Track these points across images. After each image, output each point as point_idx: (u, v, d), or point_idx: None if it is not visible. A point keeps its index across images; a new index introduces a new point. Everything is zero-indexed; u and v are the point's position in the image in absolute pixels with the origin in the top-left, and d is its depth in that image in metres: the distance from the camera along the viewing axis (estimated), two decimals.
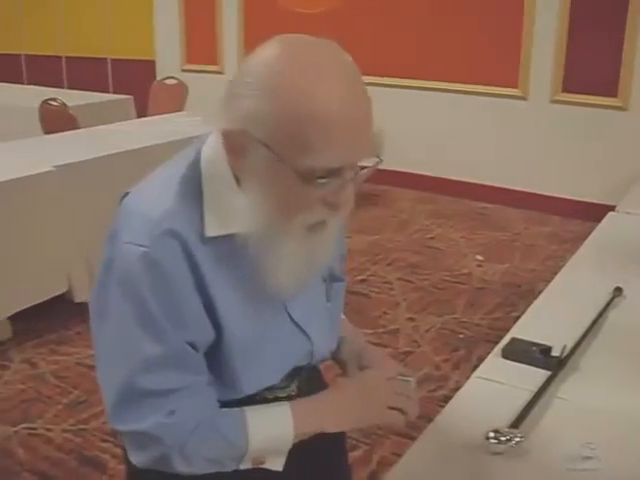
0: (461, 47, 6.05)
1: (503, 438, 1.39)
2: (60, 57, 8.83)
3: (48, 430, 3.04)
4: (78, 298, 4.07)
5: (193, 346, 1.16)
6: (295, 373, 1.33)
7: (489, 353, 1.85)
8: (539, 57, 5.74)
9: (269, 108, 1.04)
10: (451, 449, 1.44)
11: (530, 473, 1.36)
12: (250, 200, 1.11)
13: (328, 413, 1.29)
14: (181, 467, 1.18)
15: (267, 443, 1.22)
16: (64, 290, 4.01)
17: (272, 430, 1.22)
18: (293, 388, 1.35)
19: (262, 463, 1.24)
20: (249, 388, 1.25)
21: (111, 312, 1.16)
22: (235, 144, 1.09)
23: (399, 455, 2.75)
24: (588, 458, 1.38)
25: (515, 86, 5.91)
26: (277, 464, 1.25)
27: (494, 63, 5.94)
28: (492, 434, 1.40)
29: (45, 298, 3.91)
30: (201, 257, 1.13)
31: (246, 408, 1.22)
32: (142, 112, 6.50)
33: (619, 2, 5.30)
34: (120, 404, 1.15)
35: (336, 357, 1.47)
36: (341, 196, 1.10)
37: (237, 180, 1.15)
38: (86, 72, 8.48)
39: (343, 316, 1.52)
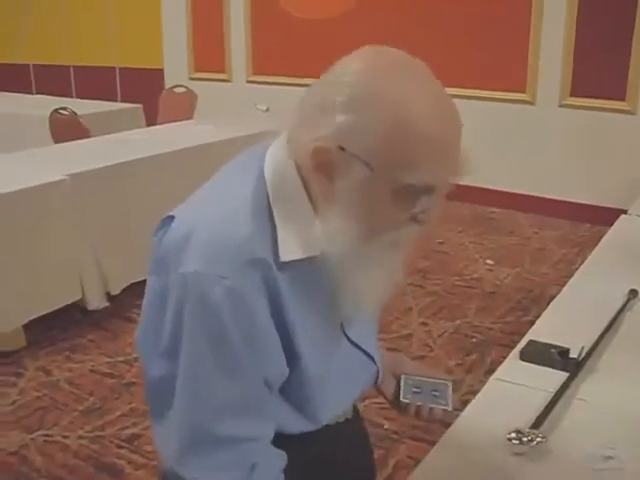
0: (469, 52, 6.06)
1: (525, 439, 1.40)
2: (68, 66, 8.88)
3: (64, 437, 3.05)
4: (91, 306, 4.10)
5: (269, 385, 1.12)
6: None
7: (502, 357, 1.86)
8: (547, 62, 5.75)
9: (370, 122, 1.00)
10: (472, 450, 1.45)
11: (552, 473, 1.36)
12: (338, 221, 1.06)
13: None
14: None
15: None
16: (77, 298, 4.03)
17: None
18: (349, 411, 1.34)
19: None
20: (327, 417, 1.23)
21: (185, 350, 1.07)
22: (328, 162, 1.03)
23: (415, 459, 2.79)
24: (609, 458, 1.39)
25: (523, 91, 5.92)
26: None
27: (502, 68, 5.96)
28: (514, 435, 1.41)
29: (58, 306, 3.94)
30: (279, 284, 1.07)
31: None
32: (151, 120, 6.53)
33: (627, 6, 5.31)
34: (192, 449, 1.09)
35: None
36: (428, 214, 1.08)
37: (310, 198, 1.09)
38: (94, 81, 8.53)
39: None
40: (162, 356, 1.12)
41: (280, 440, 1.18)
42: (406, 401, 1.41)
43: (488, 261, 4.98)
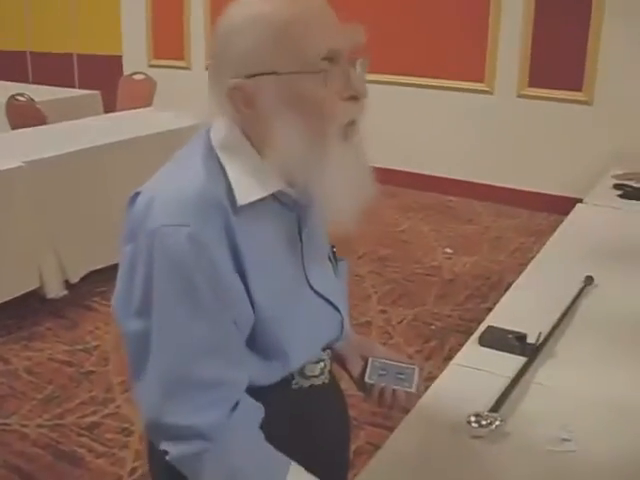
0: (428, 42, 6.09)
1: (484, 422, 1.43)
2: (25, 52, 8.75)
3: (23, 426, 3.03)
4: (49, 294, 4.06)
5: (239, 328, 1.16)
6: (328, 356, 1.36)
7: (461, 344, 1.89)
8: (505, 52, 5.81)
9: (252, 41, 1.12)
10: (433, 434, 1.48)
11: (511, 455, 1.40)
12: (284, 138, 1.13)
13: None
14: (209, 474, 1.14)
15: None
16: (35, 286, 3.99)
17: None
18: (326, 375, 1.36)
19: None
20: (297, 359, 1.26)
21: (156, 303, 1.13)
22: (246, 95, 1.13)
23: (374, 445, 2.82)
24: (566, 440, 1.43)
25: (482, 81, 5.97)
26: None
27: (461, 58, 6.00)
28: (473, 418, 1.44)
29: (16, 294, 3.89)
30: (236, 228, 1.14)
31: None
32: (109, 108, 6.47)
33: None
34: (172, 396, 1.13)
35: (334, 351, 1.46)
36: (353, 84, 1.17)
37: (253, 144, 1.18)
38: (51, 67, 8.41)
39: None
40: (136, 314, 1.16)
41: (258, 400, 1.21)
42: (371, 382, 1.42)
43: (447, 249, 5.03)
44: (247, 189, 1.16)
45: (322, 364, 1.35)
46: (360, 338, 1.53)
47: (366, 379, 1.43)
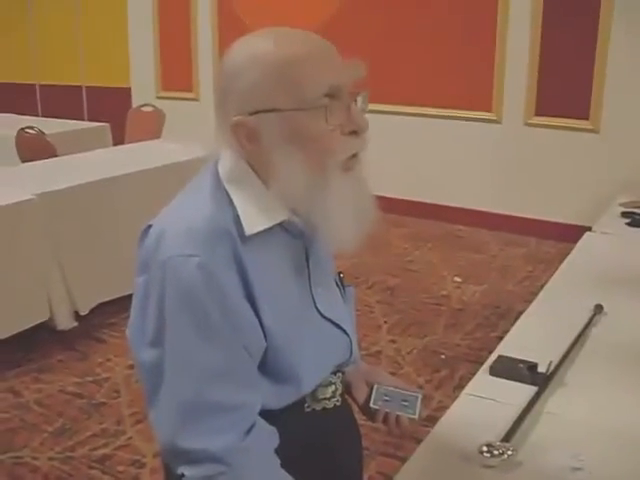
0: (435, 72, 6.14)
1: (496, 452, 1.43)
2: (34, 85, 8.84)
3: (34, 459, 3.03)
4: (59, 326, 4.07)
5: (250, 354, 1.19)
6: (339, 379, 1.39)
7: (471, 373, 1.89)
8: (512, 81, 5.84)
9: (254, 79, 1.16)
10: (444, 464, 1.47)
11: None
12: (283, 170, 1.18)
13: None
14: None
15: None
16: (45, 318, 4.01)
17: None
18: (338, 397, 1.39)
19: None
20: (309, 383, 1.29)
21: (169, 332, 1.16)
22: (248, 131, 1.18)
23: (385, 475, 2.81)
24: (578, 469, 1.42)
25: (489, 110, 6.01)
26: None
27: (468, 87, 6.04)
28: (485, 448, 1.44)
29: (26, 326, 3.90)
30: (245, 258, 1.18)
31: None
32: (118, 140, 6.52)
33: (589, 27, 5.42)
34: (186, 421, 1.15)
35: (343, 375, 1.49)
36: (354, 120, 1.21)
37: (259, 177, 1.22)
38: (60, 100, 8.49)
39: None
40: (150, 344, 1.20)
41: (272, 424, 1.23)
42: (375, 407, 1.47)
43: (456, 278, 5.03)
44: (254, 219, 1.20)
45: (333, 387, 1.38)
46: (367, 366, 1.57)
47: (371, 404, 1.47)
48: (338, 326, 1.36)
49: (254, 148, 1.19)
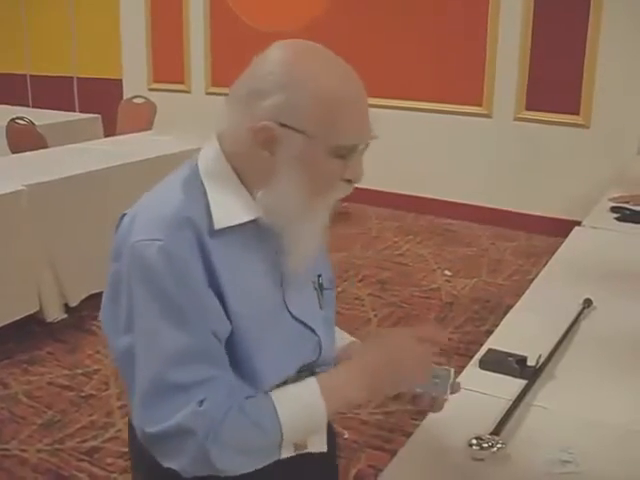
0: (426, 66, 6.14)
1: (485, 445, 1.44)
2: (25, 75, 8.80)
3: (22, 451, 3.02)
4: (49, 318, 4.07)
5: (216, 336, 1.18)
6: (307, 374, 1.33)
7: (460, 366, 1.89)
8: (503, 76, 5.85)
9: (299, 98, 1.18)
10: (434, 457, 1.48)
11: (512, 477, 1.40)
12: (281, 186, 1.21)
13: (356, 384, 1.25)
14: (222, 462, 1.14)
15: (301, 423, 1.20)
16: (35, 310, 4.00)
17: (303, 408, 1.20)
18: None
19: (305, 447, 1.23)
20: (267, 379, 1.24)
21: (136, 316, 1.18)
22: (271, 138, 1.18)
23: (375, 468, 2.82)
24: (567, 462, 1.43)
25: (480, 104, 6.01)
26: (319, 445, 1.26)
27: (459, 82, 6.05)
28: (474, 441, 1.44)
29: (16, 318, 3.90)
30: (211, 248, 1.19)
31: (272, 392, 1.21)
32: (109, 131, 6.50)
33: (579, 23, 5.44)
34: (150, 403, 1.15)
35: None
36: (355, 171, 1.25)
37: (243, 177, 1.25)
38: (51, 91, 8.46)
39: (342, 332, 1.56)
40: (123, 331, 1.21)
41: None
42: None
43: (446, 272, 5.04)
44: (225, 214, 1.22)
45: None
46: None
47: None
48: (308, 326, 1.33)
49: (266, 155, 1.20)
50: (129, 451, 1.44)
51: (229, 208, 1.23)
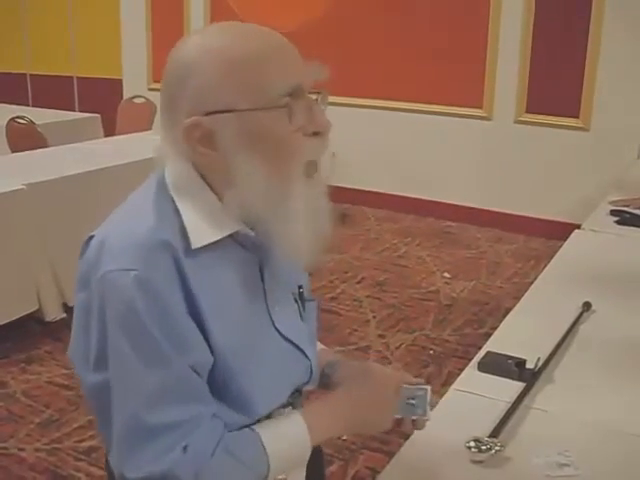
0: (427, 68, 6.14)
1: (483, 447, 1.44)
2: (25, 74, 8.80)
3: (20, 449, 3.02)
4: (48, 317, 4.06)
5: (196, 371, 1.11)
6: (297, 399, 1.31)
7: (459, 368, 1.90)
8: (503, 79, 5.86)
9: (209, 76, 1.09)
10: (432, 459, 1.48)
11: None
12: (243, 175, 1.11)
13: (340, 417, 1.24)
14: None
15: (286, 460, 1.18)
16: (34, 309, 4.00)
17: (290, 446, 1.18)
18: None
19: (285, 478, 1.21)
20: (262, 407, 1.20)
21: (111, 355, 1.09)
22: (203, 133, 1.10)
23: (373, 469, 2.82)
24: (565, 465, 1.43)
25: (480, 107, 6.02)
26: (299, 476, 1.25)
27: (459, 84, 6.05)
28: (472, 443, 1.44)
29: (15, 317, 3.90)
30: (188, 271, 1.10)
31: (257, 426, 1.17)
32: (109, 131, 6.50)
33: (580, 26, 5.44)
34: (130, 448, 1.07)
35: (328, 383, 1.42)
36: (316, 120, 1.14)
37: (211, 184, 1.16)
38: (51, 90, 8.46)
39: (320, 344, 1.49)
40: (95, 366, 1.13)
41: None
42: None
43: (445, 274, 5.04)
44: (202, 231, 1.13)
45: (290, 408, 1.29)
46: (359, 366, 1.43)
47: None
48: (298, 347, 1.28)
49: (208, 153, 1.11)
50: None
51: (204, 224, 1.13)
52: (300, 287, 1.35)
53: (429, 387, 1.34)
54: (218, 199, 1.15)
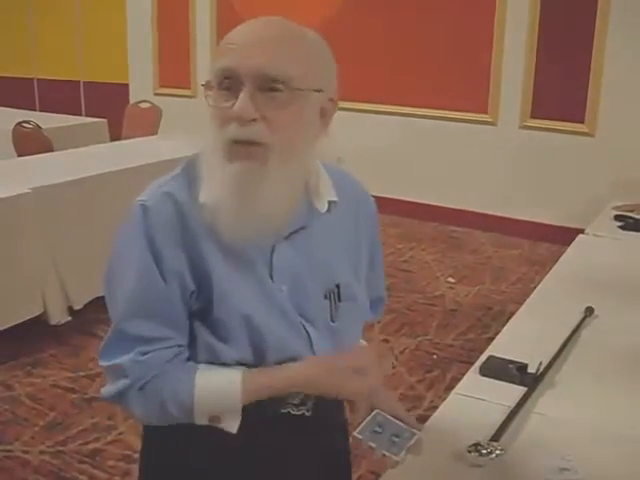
0: (432, 74, 6.16)
1: (484, 451, 1.44)
2: (32, 79, 8.83)
3: (25, 452, 3.03)
4: (53, 320, 4.07)
5: (177, 300, 1.26)
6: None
7: (462, 373, 1.90)
8: (508, 84, 5.86)
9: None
10: (433, 463, 1.48)
11: None
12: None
13: (284, 378, 1.28)
14: (136, 406, 1.27)
15: (213, 404, 1.26)
16: (39, 312, 4.01)
17: (218, 393, 1.26)
18: (309, 406, 1.35)
19: (219, 422, 1.27)
20: (274, 348, 1.27)
21: (115, 264, 1.29)
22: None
23: (376, 474, 2.81)
24: (565, 469, 1.43)
25: (485, 112, 6.02)
26: (231, 425, 1.27)
27: (464, 89, 6.05)
28: (473, 447, 1.45)
29: (20, 320, 3.90)
30: (195, 221, 1.24)
31: (202, 364, 1.28)
32: (115, 135, 6.52)
33: (585, 31, 5.44)
34: (109, 344, 1.28)
35: None
36: (241, 105, 1.20)
37: None
38: (58, 95, 8.48)
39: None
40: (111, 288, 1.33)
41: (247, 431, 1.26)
42: (359, 437, 1.29)
43: (449, 279, 5.04)
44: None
45: (302, 395, 1.33)
46: (379, 387, 1.39)
47: (355, 432, 1.30)
48: (300, 316, 1.30)
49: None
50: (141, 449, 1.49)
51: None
52: (337, 285, 1.35)
53: (419, 433, 1.31)
54: None
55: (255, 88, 1.19)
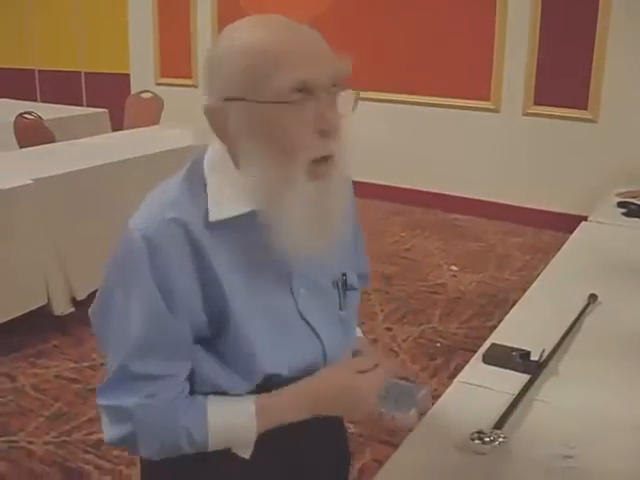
0: (434, 61, 6.14)
1: (487, 439, 1.44)
2: (33, 70, 8.82)
3: (30, 443, 3.04)
4: (56, 311, 4.08)
5: (185, 332, 1.19)
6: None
7: (466, 361, 1.90)
8: (511, 71, 5.84)
9: (229, 66, 1.16)
10: (436, 451, 1.48)
11: (514, 472, 1.40)
12: (248, 160, 1.17)
13: (295, 407, 1.26)
14: (144, 449, 1.22)
15: (228, 441, 1.24)
16: (43, 303, 4.01)
17: (234, 431, 1.23)
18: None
19: (232, 449, 1.27)
20: (268, 366, 1.24)
21: (114, 300, 1.20)
22: (218, 117, 1.18)
23: (380, 462, 2.80)
24: (569, 457, 1.43)
25: (488, 99, 6.00)
26: (244, 452, 1.27)
27: (467, 77, 6.04)
28: (476, 435, 1.45)
29: (24, 311, 3.91)
30: (206, 242, 1.17)
31: (210, 398, 1.23)
32: (117, 126, 6.51)
33: (588, 17, 5.42)
34: (112, 384, 1.20)
35: None
36: (323, 118, 1.15)
37: (234, 162, 1.21)
38: (59, 85, 8.48)
39: (360, 333, 1.54)
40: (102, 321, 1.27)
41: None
42: None
43: (453, 267, 5.04)
44: (222, 206, 1.19)
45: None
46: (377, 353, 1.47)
47: None
48: (313, 330, 1.29)
49: (224, 134, 1.19)
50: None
51: (227, 199, 1.19)
52: (344, 274, 1.37)
53: (426, 387, 1.33)
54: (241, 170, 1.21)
55: (329, 97, 1.17)
